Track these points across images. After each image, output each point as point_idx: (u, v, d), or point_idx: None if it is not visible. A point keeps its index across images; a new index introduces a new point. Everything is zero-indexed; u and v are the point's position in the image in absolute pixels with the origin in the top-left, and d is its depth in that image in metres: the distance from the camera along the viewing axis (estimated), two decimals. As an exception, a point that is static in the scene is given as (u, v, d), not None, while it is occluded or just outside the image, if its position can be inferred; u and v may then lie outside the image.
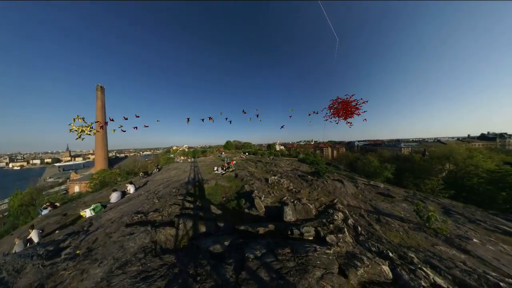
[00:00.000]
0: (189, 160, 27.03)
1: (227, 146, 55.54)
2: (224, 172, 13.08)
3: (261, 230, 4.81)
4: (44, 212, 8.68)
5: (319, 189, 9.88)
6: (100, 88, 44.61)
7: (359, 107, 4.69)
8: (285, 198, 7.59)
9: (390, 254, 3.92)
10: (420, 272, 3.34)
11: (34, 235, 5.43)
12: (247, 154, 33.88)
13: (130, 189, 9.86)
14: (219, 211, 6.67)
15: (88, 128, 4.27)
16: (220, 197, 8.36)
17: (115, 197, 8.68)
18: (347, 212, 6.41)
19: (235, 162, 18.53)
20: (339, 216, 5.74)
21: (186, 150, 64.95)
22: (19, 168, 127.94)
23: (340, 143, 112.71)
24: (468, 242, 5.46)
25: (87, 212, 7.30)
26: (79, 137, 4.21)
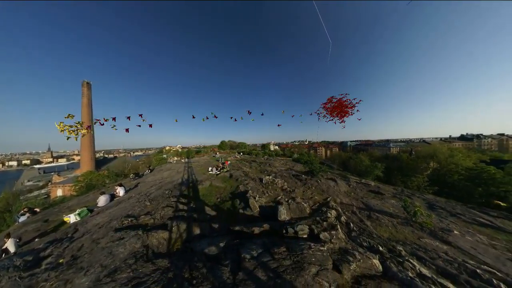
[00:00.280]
0: (183, 160, 26.39)
1: (222, 146, 55.00)
2: (219, 173, 12.94)
3: (256, 230, 4.82)
4: (22, 218, 8.03)
5: (313, 188, 10.06)
6: (86, 84, 42.18)
7: (353, 106, 4.84)
8: (279, 198, 7.64)
9: (380, 248, 4.10)
10: (408, 263, 3.53)
11: (10, 245, 4.99)
12: (241, 154, 33.75)
13: (120, 191, 9.41)
14: (213, 212, 6.58)
15: (83, 127, 4.03)
16: (214, 198, 8.24)
17: (103, 200, 8.23)
18: (340, 210, 6.59)
19: (229, 162, 18.41)
20: (332, 214, 5.89)
21: (180, 150, 63.38)
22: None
23: (334, 143, 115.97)
24: (450, 234, 5.84)
25: (71, 217, 6.84)
26: (76, 136, 3.96)
